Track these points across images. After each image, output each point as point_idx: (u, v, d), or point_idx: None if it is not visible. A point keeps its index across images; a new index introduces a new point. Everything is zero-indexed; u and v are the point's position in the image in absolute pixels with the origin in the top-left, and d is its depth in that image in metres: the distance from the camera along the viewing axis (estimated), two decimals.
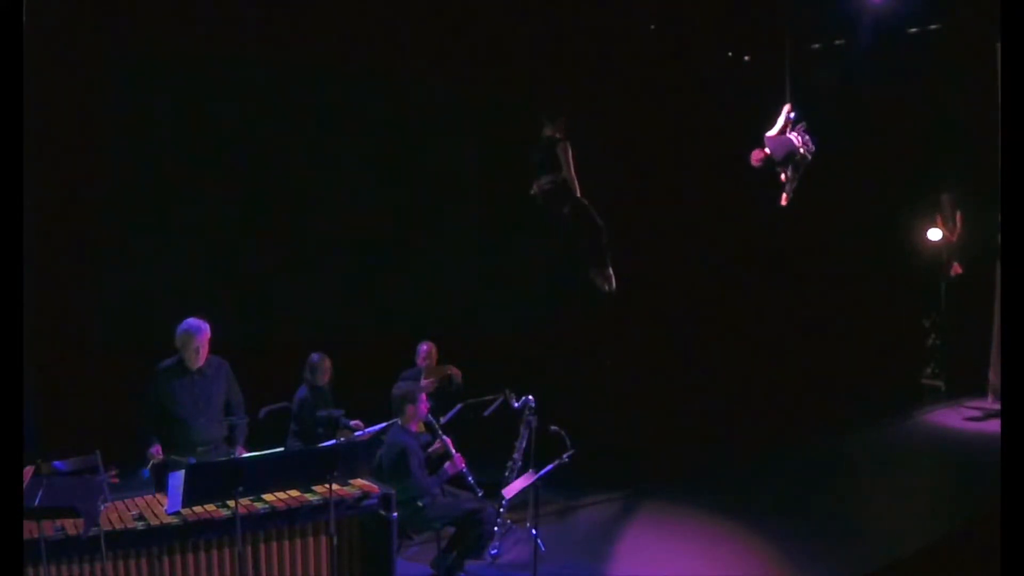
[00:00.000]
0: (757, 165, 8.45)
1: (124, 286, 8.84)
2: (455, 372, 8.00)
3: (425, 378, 7.64)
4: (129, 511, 4.79)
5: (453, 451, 6.25)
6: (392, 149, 10.16)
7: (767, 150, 8.51)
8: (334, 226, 9.95)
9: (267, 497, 4.95)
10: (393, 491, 5.25)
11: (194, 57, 8.87)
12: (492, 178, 10.08)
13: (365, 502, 5.12)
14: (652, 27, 10.90)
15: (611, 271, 7.03)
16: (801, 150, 8.41)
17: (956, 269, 12.03)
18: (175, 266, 8.99)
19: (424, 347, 7.92)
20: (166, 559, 4.63)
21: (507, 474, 6.64)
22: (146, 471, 5.48)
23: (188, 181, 9.04)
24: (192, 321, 5.75)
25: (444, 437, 6.35)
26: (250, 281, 9.41)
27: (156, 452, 5.59)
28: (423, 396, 6.31)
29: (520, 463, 6.64)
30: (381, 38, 9.39)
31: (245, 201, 9.40)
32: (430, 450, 6.33)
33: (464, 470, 6.22)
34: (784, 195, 8.59)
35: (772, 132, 8.51)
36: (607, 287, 7.10)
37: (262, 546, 4.86)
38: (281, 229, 9.67)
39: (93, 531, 4.36)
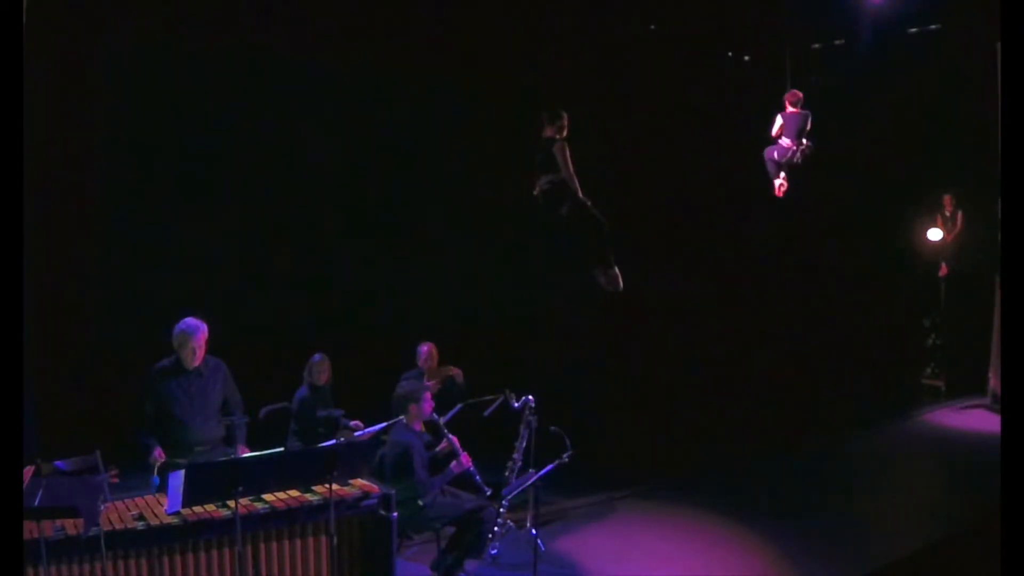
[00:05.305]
0: (781, 178, 8.90)
1: (124, 286, 8.84)
2: (457, 373, 7.99)
3: (427, 380, 7.62)
4: (129, 511, 4.79)
5: (460, 450, 6.21)
6: (392, 149, 10.15)
7: (774, 155, 8.90)
8: (335, 226, 9.94)
9: (267, 497, 4.95)
10: (393, 491, 5.25)
11: (192, 57, 8.86)
12: (493, 178, 10.08)
13: (365, 502, 5.12)
14: (652, 27, 10.90)
15: (616, 271, 6.99)
16: (797, 151, 8.77)
17: (943, 270, 12.10)
18: (175, 266, 8.99)
19: (424, 348, 7.90)
20: (166, 559, 4.63)
21: (507, 474, 6.63)
22: (156, 478, 5.44)
23: (188, 181, 9.03)
24: (189, 321, 5.75)
25: (451, 436, 6.31)
26: (250, 281, 9.40)
27: (159, 456, 5.59)
28: (427, 395, 6.30)
29: (520, 463, 6.63)
30: (382, 37, 9.39)
31: (245, 201, 9.39)
32: (437, 449, 6.30)
33: (471, 469, 6.19)
34: (780, 185, 8.94)
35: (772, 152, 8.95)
36: (612, 287, 7.04)
37: (262, 546, 4.86)
38: (281, 229, 9.66)
39: (93, 531, 4.36)
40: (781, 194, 9.14)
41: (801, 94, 8.99)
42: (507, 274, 10.60)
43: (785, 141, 8.99)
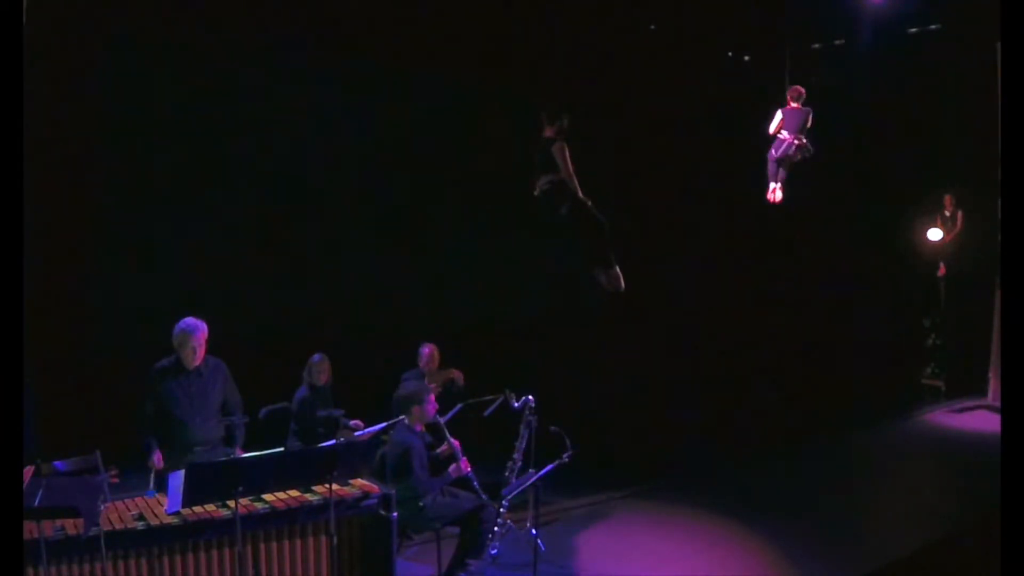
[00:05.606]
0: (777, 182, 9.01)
1: (124, 286, 8.83)
2: (457, 375, 7.99)
3: (428, 382, 7.61)
4: (129, 511, 4.79)
5: (460, 455, 6.20)
6: (392, 149, 10.15)
7: (773, 153, 8.97)
8: (334, 226, 9.94)
9: (267, 497, 4.96)
10: (393, 491, 5.25)
11: (191, 58, 8.85)
12: (493, 178, 10.07)
13: (365, 502, 5.12)
14: (652, 27, 10.90)
15: (617, 270, 6.96)
16: (795, 145, 8.85)
17: (941, 270, 12.12)
18: (175, 266, 8.98)
19: (426, 349, 7.89)
20: (166, 559, 4.63)
21: (507, 474, 6.63)
22: (152, 491, 5.45)
23: (187, 181, 9.02)
24: (189, 320, 5.75)
25: (453, 440, 6.30)
26: (250, 281, 9.40)
27: (157, 461, 5.59)
28: (431, 397, 6.30)
29: (520, 463, 6.63)
30: (382, 37, 9.38)
31: (245, 201, 9.38)
32: (437, 451, 6.31)
33: (470, 474, 6.19)
34: (774, 189, 9.02)
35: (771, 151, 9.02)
36: (613, 287, 7.01)
37: (262, 546, 4.86)
38: (281, 229, 9.66)
39: (93, 531, 4.36)
40: (775, 201, 9.14)
41: (803, 90, 9.00)
42: (508, 274, 10.59)
43: (784, 134, 8.99)
